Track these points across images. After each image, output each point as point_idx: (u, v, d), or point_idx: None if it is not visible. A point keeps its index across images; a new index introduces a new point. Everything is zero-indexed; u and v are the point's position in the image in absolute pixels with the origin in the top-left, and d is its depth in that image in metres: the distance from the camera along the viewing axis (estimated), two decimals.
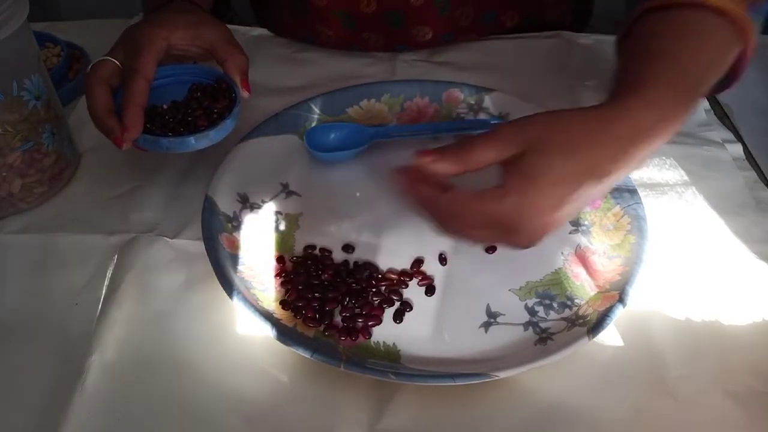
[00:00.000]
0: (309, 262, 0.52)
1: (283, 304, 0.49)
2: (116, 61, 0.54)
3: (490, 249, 0.54)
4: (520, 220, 0.41)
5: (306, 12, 0.73)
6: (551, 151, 0.40)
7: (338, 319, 0.49)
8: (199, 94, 0.58)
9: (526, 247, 0.43)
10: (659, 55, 0.44)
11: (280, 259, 0.53)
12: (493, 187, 0.41)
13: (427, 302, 0.51)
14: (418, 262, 0.53)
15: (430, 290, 0.51)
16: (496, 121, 0.63)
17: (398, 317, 0.49)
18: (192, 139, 0.53)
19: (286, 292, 0.50)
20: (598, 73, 0.73)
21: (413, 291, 0.51)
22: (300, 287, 0.50)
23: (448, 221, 0.43)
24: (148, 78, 0.53)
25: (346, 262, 0.53)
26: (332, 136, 0.63)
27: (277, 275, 0.52)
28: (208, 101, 0.57)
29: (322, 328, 0.48)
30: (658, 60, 0.44)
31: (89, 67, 0.55)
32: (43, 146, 0.57)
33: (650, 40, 0.46)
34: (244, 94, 0.57)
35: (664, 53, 0.45)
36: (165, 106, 0.56)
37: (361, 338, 0.48)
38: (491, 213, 0.40)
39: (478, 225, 0.42)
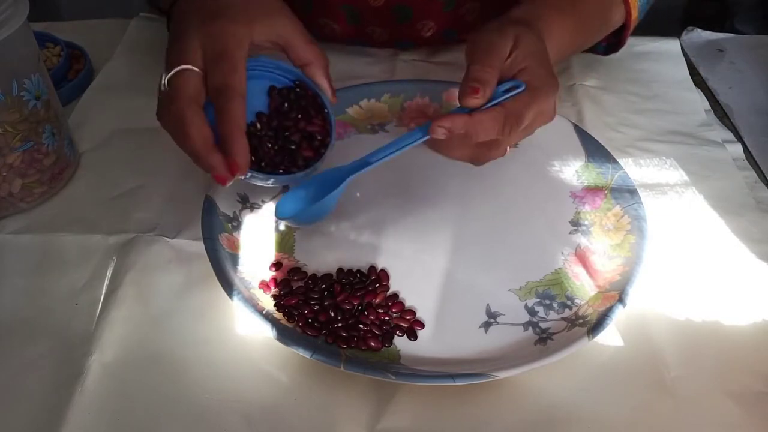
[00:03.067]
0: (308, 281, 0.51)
1: (278, 306, 0.49)
2: (198, 70, 0.45)
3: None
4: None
5: (310, 6, 0.73)
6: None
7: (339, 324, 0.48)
8: (285, 105, 0.50)
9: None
10: None
11: (276, 265, 0.53)
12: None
13: (428, 302, 0.51)
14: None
15: (411, 334, 0.49)
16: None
17: (411, 335, 0.49)
18: (302, 175, 0.49)
19: (282, 295, 0.50)
20: (597, 73, 0.73)
21: (412, 291, 0.51)
22: (295, 290, 0.50)
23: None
24: (244, 95, 0.44)
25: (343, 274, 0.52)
26: (303, 194, 0.52)
27: (272, 283, 0.51)
28: (304, 121, 0.50)
29: (321, 336, 0.48)
30: None
31: (165, 80, 0.45)
32: (43, 146, 0.57)
33: None
34: (333, 101, 0.51)
35: None
36: (258, 125, 0.48)
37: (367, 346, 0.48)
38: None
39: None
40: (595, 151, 0.61)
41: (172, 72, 0.44)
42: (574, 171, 0.61)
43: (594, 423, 0.44)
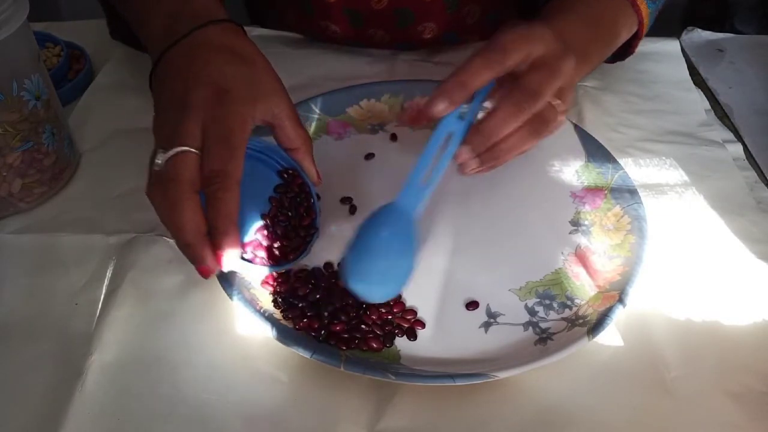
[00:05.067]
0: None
1: (275, 303, 0.49)
2: (197, 152, 0.42)
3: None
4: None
5: (312, 8, 0.73)
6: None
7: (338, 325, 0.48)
8: (286, 204, 0.50)
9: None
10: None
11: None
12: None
13: (427, 302, 0.51)
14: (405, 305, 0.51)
15: (411, 334, 0.49)
16: None
17: (411, 335, 0.49)
18: (291, 264, 0.48)
19: (279, 296, 0.50)
20: (597, 73, 0.73)
21: (412, 291, 0.51)
22: (291, 291, 0.50)
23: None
24: (239, 182, 0.42)
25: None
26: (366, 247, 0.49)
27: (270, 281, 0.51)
28: (292, 213, 0.50)
29: (321, 336, 0.48)
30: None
31: (161, 159, 0.42)
32: (43, 146, 0.57)
33: None
34: (318, 184, 0.51)
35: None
36: (265, 229, 0.49)
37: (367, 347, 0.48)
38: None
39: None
40: (595, 151, 0.61)
41: (171, 153, 0.42)
42: (574, 171, 0.61)
43: (594, 423, 0.44)
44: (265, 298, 0.50)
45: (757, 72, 0.75)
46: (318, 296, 0.49)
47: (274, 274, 0.51)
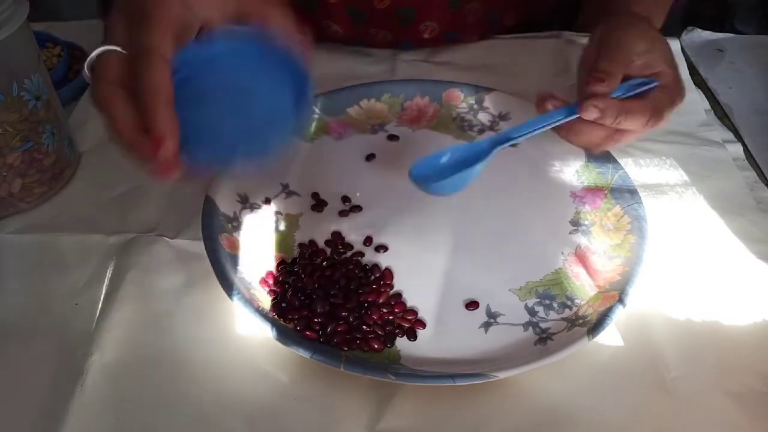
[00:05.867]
0: (298, 269, 0.52)
1: (274, 306, 0.49)
2: (119, 49, 0.38)
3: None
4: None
5: (314, 7, 0.73)
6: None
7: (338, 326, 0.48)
8: None
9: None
10: None
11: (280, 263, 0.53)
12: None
13: (427, 302, 0.51)
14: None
15: (411, 334, 0.49)
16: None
17: (411, 335, 0.49)
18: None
19: (277, 298, 0.50)
20: None
21: (412, 291, 0.51)
22: (289, 295, 0.49)
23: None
24: (167, 57, 0.38)
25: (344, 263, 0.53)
26: (441, 163, 0.52)
27: (268, 280, 0.51)
28: None
29: (321, 337, 0.48)
30: None
31: (87, 67, 0.39)
32: (43, 146, 0.57)
33: None
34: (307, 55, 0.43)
35: None
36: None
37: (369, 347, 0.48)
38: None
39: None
40: None
41: (89, 59, 0.38)
42: (574, 171, 0.61)
43: (594, 423, 0.44)
44: (265, 298, 0.50)
45: (757, 72, 0.75)
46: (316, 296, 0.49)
47: (275, 273, 0.51)
